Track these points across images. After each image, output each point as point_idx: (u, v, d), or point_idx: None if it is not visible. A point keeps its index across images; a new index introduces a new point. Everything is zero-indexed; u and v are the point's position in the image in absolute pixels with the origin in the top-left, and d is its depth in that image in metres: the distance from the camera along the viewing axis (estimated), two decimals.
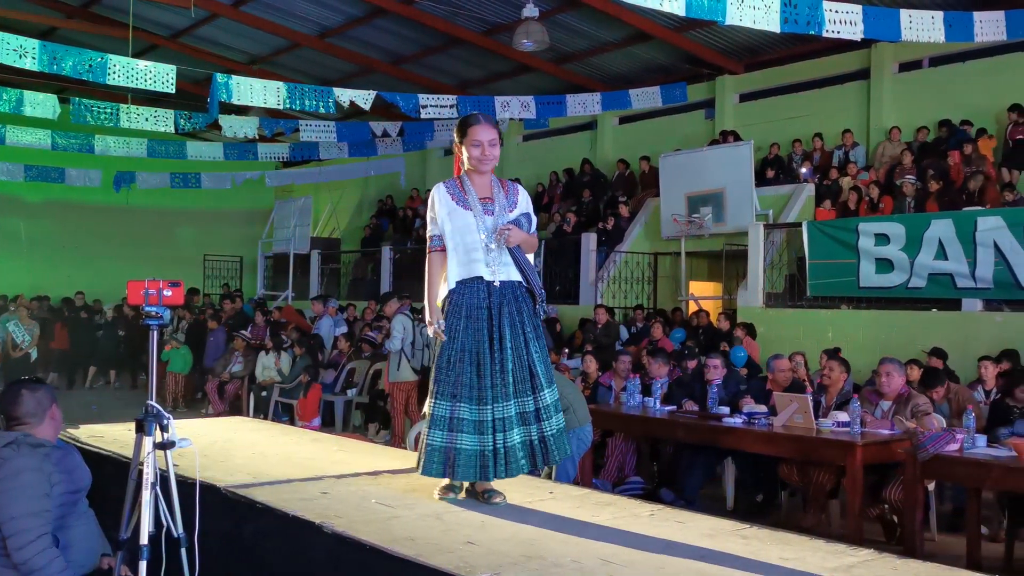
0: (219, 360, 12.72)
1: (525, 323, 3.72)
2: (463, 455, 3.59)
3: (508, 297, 3.72)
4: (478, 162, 3.77)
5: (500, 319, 3.68)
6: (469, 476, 3.63)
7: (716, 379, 7.31)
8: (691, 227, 13.07)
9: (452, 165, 17.37)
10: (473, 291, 3.70)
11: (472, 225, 3.73)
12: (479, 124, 3.77)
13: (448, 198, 3.79)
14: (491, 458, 3.60)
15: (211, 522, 3.54)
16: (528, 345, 3.70)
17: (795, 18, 7.82)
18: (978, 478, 5.21)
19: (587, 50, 15.37)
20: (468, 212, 3.74)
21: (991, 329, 9.27)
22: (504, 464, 3.61)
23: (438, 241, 3.80)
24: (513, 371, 3.64)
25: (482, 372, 3.63)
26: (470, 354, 3.65)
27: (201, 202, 21.15)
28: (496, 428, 3.61)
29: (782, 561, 2.85)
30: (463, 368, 3.63)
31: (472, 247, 3.72)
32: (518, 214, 3.80)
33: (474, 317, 3.68)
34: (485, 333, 3.67)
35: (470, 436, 3.61)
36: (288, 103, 11.58)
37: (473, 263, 3.71)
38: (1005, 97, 12.00)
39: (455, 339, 3.67)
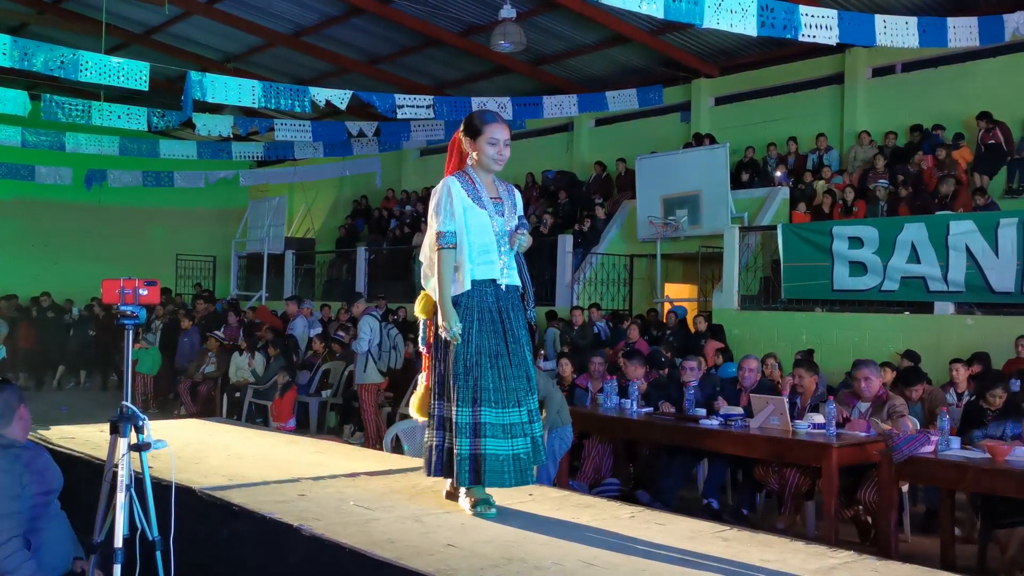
0: (192, 361, 12.59)
1: (523, 328, 3.70)
2: (491, 460, 3.45)
3: (512, 302, 3.69)
4: (492, 161, 3.67)
5: (510, 321, 3.63)
6: (502, 482, 3.47)
7: (692, 381, 7.33)
8: (667, 229, 13.13)
9: (428, 166, 17.39)
10: (483, 293, 3.62)
11: (488, 225, 3.64)
12: (497, 122, 3.68)
13: (464, 194, 3.64)
14: (526, 461, 3.53)
15: (187, 525, 3.49)
16: (526, 349, 3.68)
17: (772, 22, 7.87)
18: (952, 480, 5.25)
19: (564, 52, 15.39)
20: (483, 211, 3.64)
21: (962, 332, 9.37)
22: (523, 470, 3.53)
23: (452, 238, 3.61)
24: (518, 377, 3.59)
25: (504, 374, 3.55)
26: (489, 357, 3.55)
27: (174, 201, 20.95)
28: (525, 431, 3.56)
29: (763, 563, 2.86)
30: (482, 371, 3.52)
31: (487, 248, 3.63)
32: (518, 216, 3.78)
33: (487, 320, 3.60)
34: (500, 336, 3.60)
35: (499, 441, 3.49)
36: (263, 102, 11.50)
37: (488, 264, 3.63)
38: (976, 103, 12.15)
39: (470, 342, 3.55)
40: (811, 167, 13.39)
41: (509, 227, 3.69)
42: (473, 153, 3.69)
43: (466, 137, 3.71)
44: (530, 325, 3.76)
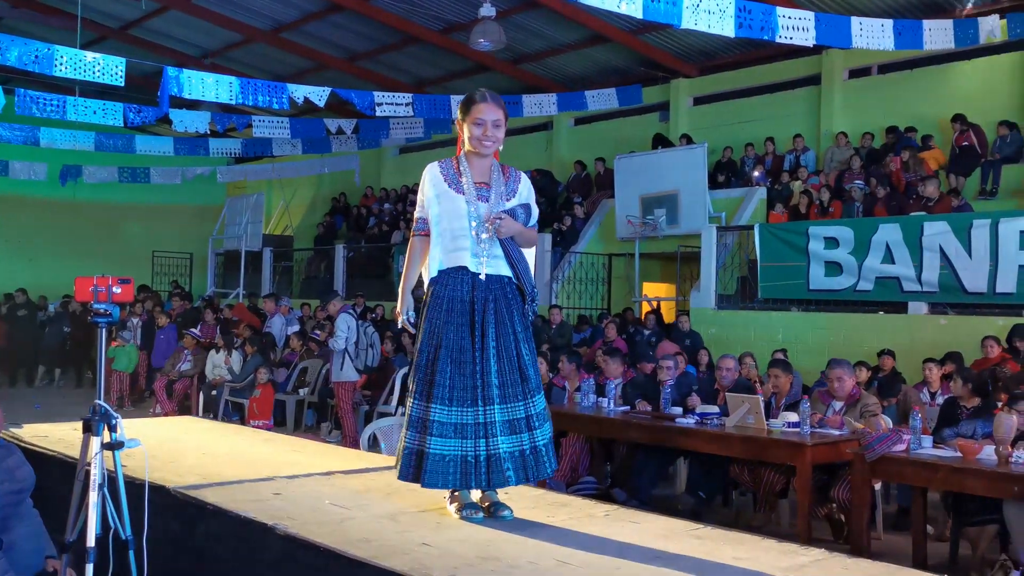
0: (168, 359, 12.51)
1: (515, 322, 3.44)
2: (433, 460, 3.30)
3: (496, 293, 3.43)
4: (478, 143, 3.46)
5: (484, 315, 3.38)
6: (444, 483, 3.33)
7: (669, 380, 7.36)
8: (645, 229, 13.18)
9: (407, 163, 17.44)
10: (456, 282, 3.41)
11: (461, 210, 3.43)
12: (484, 102, 3.45)
13: (440, 179, 3.48)
14: (473, 465, 3.31)
15: (160, 524, 3.47)
16: (519, 346, 3.42)
17: (749, 23, 7.92)
18: (924, 478, 5.31)
19: (544, 51, 15.41)
20: (459, 196, 3.44)
21: (936, 332, 9.48)
22: (487, 473, 3.32)
23: (423, 225, 3.50)
24: (500, 373, 3.36)
25: (463, 371, 3.34)
26: (450, 351, 3.36)
27: (150, 197, 20.77)
28: (479, 433, 3.32)
29: (736, 561, 2.88)
30: (441, 367, 3.34)
31: (459, 234, 3.43)
32: (516, 204, 3.51)
33: (456, 311, 3.39)
34: (467, 329, 3.38)
35: (445, 440, 3.31)
36: (241, 98, 11.42)
37: (458, 251, 3.42)
38: (951, 105, 12.28)
39: (434, 334, 3.38)
40: (788, 167, 13.49)
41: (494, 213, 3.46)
42: (464, 135, 3.51)
43: (459, 118, 3.55)
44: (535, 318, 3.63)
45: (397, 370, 10.03)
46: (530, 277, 3.52)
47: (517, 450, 3.36)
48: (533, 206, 3.59)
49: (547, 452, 3.43)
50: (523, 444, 3.38)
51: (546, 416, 3.47)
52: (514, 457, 3.35)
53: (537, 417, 3.41)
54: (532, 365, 3.45)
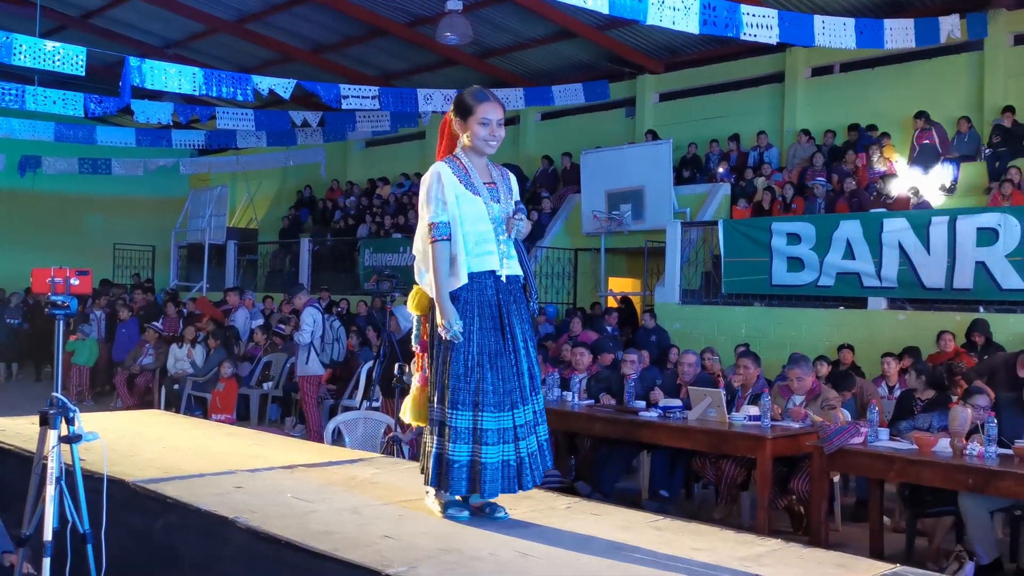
0: (129, 352, 12.37)
1: (525, 322, 3.42)
2: (490, 469, 3.22)
3: (515, 294, 3.42)
4: (484, 143, 3.39)
5: (509, 316, 3.35)
6: (497, 491, 3.25)
7: (633, 374, 7.42)
8: (611, 224, 13.24)
9: (374, 157, 17.31)
10: (482, 286, 3.34)
11: (483, 212, 3.36)
12: (489, 101, 3.40)
13: (455, 180, 3.36)
14: (516, 468, 3.27)
15: (120, 518, 3.45)
16: (528, 346, 3.40)
17: (714, 20, 8.00)
18: (880, 470, 5.40)
19: (511, 46, 15.41)
20: (477, 198, 3.36)
21: (894, 327, 9.63)
22: (530, 472, 3.30)
23: (445, 228, 3.32)
24: (524, 373, 3.34)
25: (502, 375, 3.29)
26: (488, 357, 3.29)
27: (111, 189, 20.50)
28: (519, 435, 3.29)
29: (694, 552, 2.92)
30: (483, 373, 3.26)
31: (484, 237, 3.35)
32: (515, 201, 3.50)
33: (486, 316, 3.33)
34: (499, 333, 3.33)
35: (494, 447, 3.24)
36: (204, 89, 11.31)
37: (485, 255, 3.35)
38: (911, 103, 12.47)
39: (471, 340, 3.29)
40: (752, 164, 13.62)
41: (506, 213, 3.41)
42: (464, 135, 3.43)
43: (456, 118, 3.45)
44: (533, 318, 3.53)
45: (362, 364, 10.00)
46: (532, 275, 3.55)
47: (535, 447, 3.36)
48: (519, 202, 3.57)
49: (548, 447, 3.43)
50: (540, 438, 3.39)
51: (543, 411, 3.46)
52: (533, 456, 3.34)
53: (541, 413, 3.41)
54: (536, 363, 3.45)
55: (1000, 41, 12.21)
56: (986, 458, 4.87)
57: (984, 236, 9.11)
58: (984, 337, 8.66)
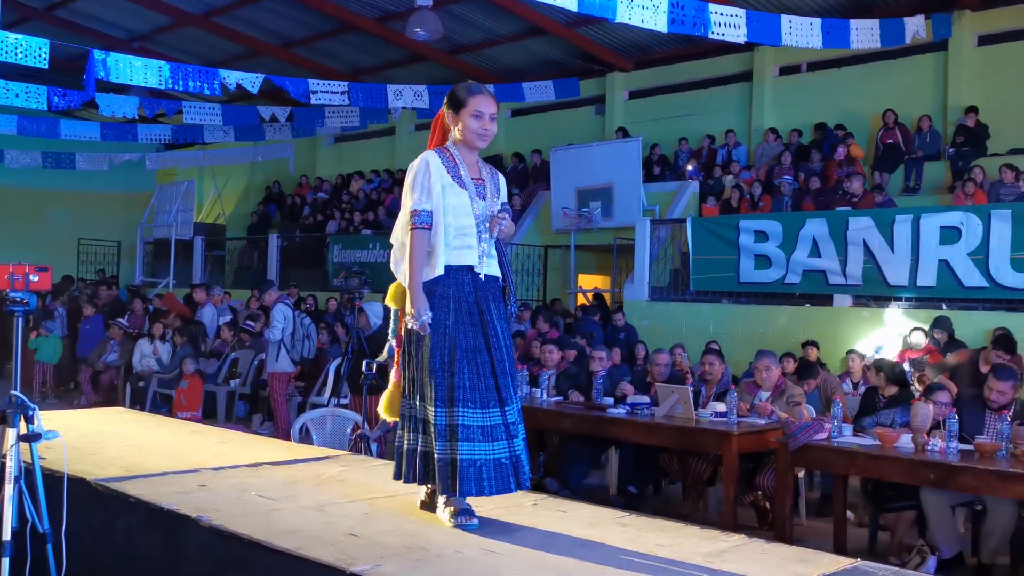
0: (93, 349, 12.21)
1: (502, 322, 3.34)
2: (466, 466, 3.14)
3: (492, 293, 3.34)
4: (476, 136, 3.33)
5: (489, 314, 3.28)
6: (480, 490, 3.15)
7: (601, 371, 7.45)
8: (581, 221, 13.28)
9: (343, 152, 17.19)
10: (459, 281, 3.27)
11: (467, 206, 3.30)
12: (482, 94, 3.35)
13: (443, 171, 3.31)
14: (511, 466, 3.21)
15: (81, 517, 3.41)
16: (508, 348, 3.32)
17: (682, 19, 8.04)
18: (844, 466, 5.46)
19: (481, 42, 15.39)
20: (463, 191, 3.30)
21: (859, 323, 9.74)
22: (520, 473, 3.24)
23: (427, 217, 3.26)
24: (505, 374, 3.26)
25: (482, 372, 3.21)
26: (465, 352, 3.21)
27: (76, 184, 20.17)
28: (507, 434, 3.23)
29: (658, 547, 2.94)
30: (459, 368, 3.19)
31: (465, 232, 3.29)
32: (501, 202, 3.42)
33: (463, 311, 3.26)
34: (479, 329, 3.25)
35: (475, 444, 3.17)
36: (171, 83, 11.18)
37: (464, 250, 3.29)
38: (877, 103, 12.63)
39: (446, 335, 3.22)
40: (720, 162, 13.71)
41: (491, 212, 3.34)
42: (456, 128, 3.37)
43: (449, 111, 3.39)
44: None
45: (330, 361, 9.95)
46: (511, 277, 3.48)
47: (522, 448, 3.30)
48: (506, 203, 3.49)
49: (526, 455, 3.34)
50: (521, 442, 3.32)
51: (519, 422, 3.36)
52: (521, 457, 3.28)
53: (519, 413, 3.34)
54: (513, 368, 3.36)
55: (964, 42, 12.40)
56: (947, 454, 4.94)
57: (947, 235, 9.24)
58: (947, 334, 8.79)
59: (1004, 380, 5.40)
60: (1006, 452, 4.87)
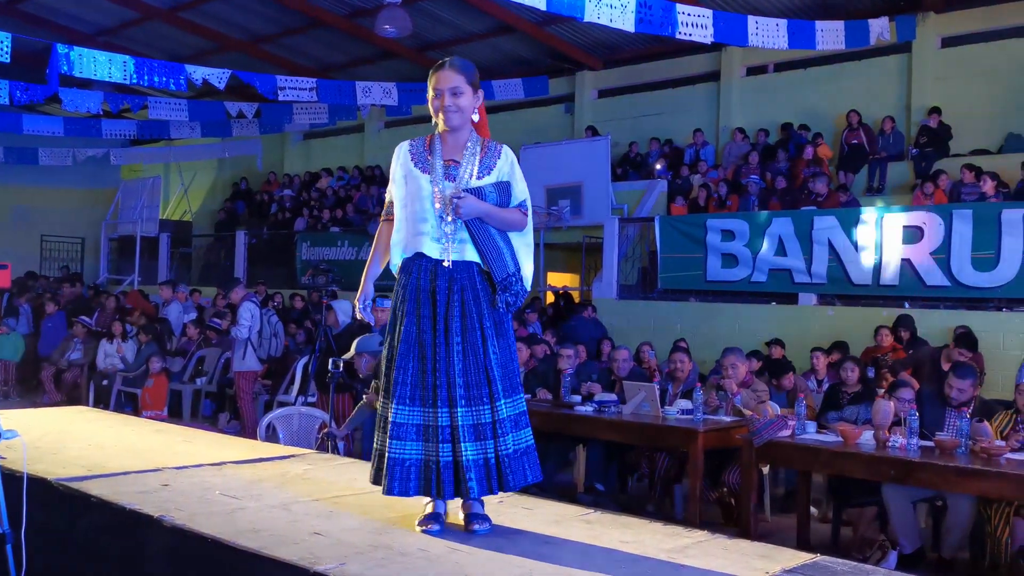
0: (56, 347, 12.05)
1: (484, 315, 3.08)
2: (391, 464, 3.03)
3: (463, 282, 3.09)
4: (436, 114, 3.16)
5: (449, 307, 3.05)
6: (404, 490, 3.04)
7: (569, 369, 7.47)
8: (549, 219, 13.30)
9: (311, 149, 17.05)
10: (419, 271, 3.11)
11: (424, 191, 3.11)
12: (440, 70, 3.18)
13: (408, 158, 3.18)
14: (434, 471, 3.02)
15: (41, 518, 3.37)
16: (486, 343, 3.06)
17: (649, 19, 8.09)
18: (807, 462, 5.53)
19: (451, 39, 15.36)
20: (424, 175, 3.12)
21: (824, 322, 9.86)
22: (452, 482, 3.02)
23: (390, 208, 3.23)
24: (465, 372, 3.03)
25: (426, 368, 3.05)
26: (410, 346, 3.06)
27: (38, 179, 19.85)
28: (444, 437, 3.02)
29: (621, 544, 2.96)
30: (401, 363, 3.06)
31: (420, 218, 3.11)
32: (491, 182, 3.14)
33: (420, 302, 3.08)
34: (429, 322, 3.07)
35: (404, 443, 3.04)
36: (135, 78, 11.05)
37: (419, 236, 3.11)
38: (842, 104, 12.77)
39: (395, 329, 3.10)
40: (688, 161, 13.80)
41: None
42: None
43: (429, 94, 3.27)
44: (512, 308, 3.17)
45: (298, 359, 9.90)
46: (503, 262, 3.12)
47: (482, 458, 3.03)
48: (516, 184, 3.20)
49: (514, 463, 3.06)
50: (488, 452, 3.04)
51: (517, 423, 3.10)
52: (479, 466, 3.02)
53: (501, 424, 3.04)
54: (499, 365, 3.07)
55: (928, 44, 12.58)
56: (908, 450, 5.01)
57: (910, 234, 9.39)
58: (909, 332, 8.92)
59: (964, 378, 5.49)
60: (965, 449, 4.95)
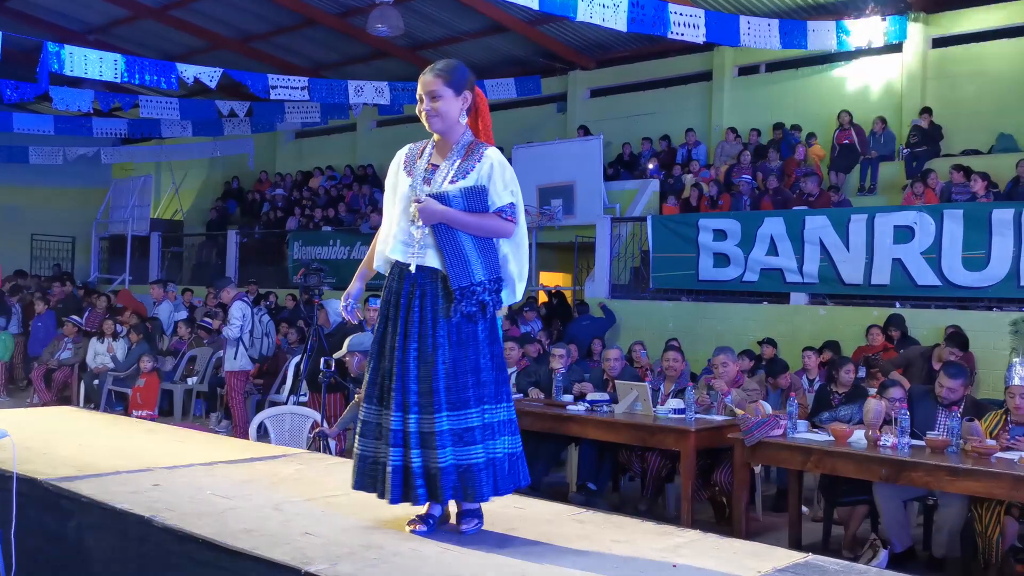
0: (46, 347, 12.00)
1: (439, 323, 3.00)
2: (357, 459, 3.08)
3: (425, 287, 3.03)
4: (421, 119, 3.15)
5: (410, 312, 3.01)
6: (377, 489, 3.03)
7: (561, 368, 7.47)
8: (542, 219, 13.31)
9: (303, 148, 17.04)
10: (393, 275, 3.11)
11: (403, 194, 3.10)
12: (423, 75, 3.14)
13: (401, 161, 3.19)
14: (381, 471, 3.00)
15: (31, 518, 3.35)
16: (436, 352, 2.98)
17: (642, 19, 8.10)
18: (798, 461, 5.54)
19: (443, 39, 15.35)
20: (407, 179, 3.12)
21: (815, 321, 9.89)
22: (401, 486, 2.96)
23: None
24: (420, 379, 2.97)
25: (383, 370, 3.04)
26: (380, 348, 3.08)
27: (29, 178, 19.76)
28: (396, 441, 2.97)
29: (614, 544, 2.95)
30: (373, 364, 3.09)
31: (396, 220, 3.11)
32: (463, 186, 3.05)
33: (390, 304, 3.07)
34: (394, 325, 3.04)
35: (367, 440, 3.06)
36: (126, 77, 11.01)
37: (393, 240, 3.10)
38: (833, 104, 12.81)
39: (376, 329, 3.12)
40: (680, 161, 13.82)
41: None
42: None
43: None
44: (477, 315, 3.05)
45: (289, 359, 9.88)
46: (466, 271, 3.01)
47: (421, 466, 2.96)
48: (495, 188, 3.09)
49: (445, 478, 2.94)
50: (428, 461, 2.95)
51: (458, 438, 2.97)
52: (420, 474, 2.94)
53: (443, 436, 2.95)
54: (450, 376, 2.97)
55: (919, 44, 12.62)
56: (899, 449, 5.03)
57: (901, 234, 9.42)
58: (900, 331, 8.95)
59: (955, 377, 5.51)
60: (956, 448, 4.97)
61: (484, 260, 3.06)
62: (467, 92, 3.21)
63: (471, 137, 3.22)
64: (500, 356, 3.14)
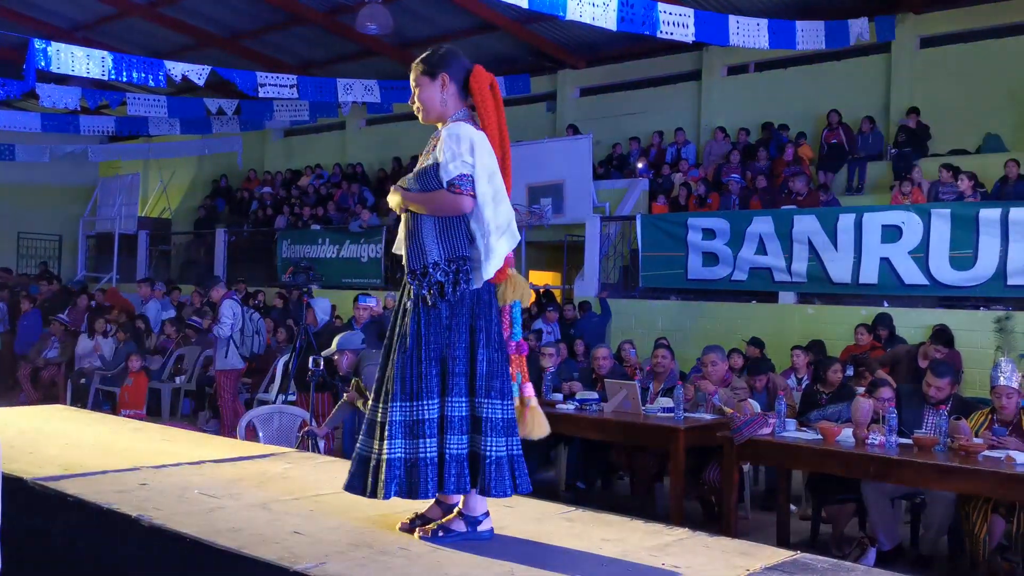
0: (33, 345, 11.93)
1: (408, 311, 2.93)
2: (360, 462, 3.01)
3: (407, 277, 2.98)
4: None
5: (399, 303, 3.00)
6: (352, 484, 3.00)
7: (551, 367, 7.47)
8: (531, 217, 13.30)
9: (292, 146, 16.99)
10: None
11: None
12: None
13: None
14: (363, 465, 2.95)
15: (16, 518, 3.32)
16: (400, 340, 2.93)
17: (631, 17, 8.10)
18: (787, 460, 5.56)
19: (432, 37, 15.27)
20: None
21: (804, 320, 9.92)
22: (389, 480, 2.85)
23: None
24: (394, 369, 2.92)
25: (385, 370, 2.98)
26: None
27: (15, 176, 19.61)
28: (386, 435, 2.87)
29: (603, 542, 2.96)
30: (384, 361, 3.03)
31: None
32: (421, 167, 3.00)
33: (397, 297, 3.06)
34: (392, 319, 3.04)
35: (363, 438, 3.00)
36: (114, 74, 10.94)
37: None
38: (822, 104, 12.84)
39: None
40: (669, 160, 13.83)
41: None
42: None
43: None
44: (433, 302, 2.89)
45: (278, 358, 9.85)
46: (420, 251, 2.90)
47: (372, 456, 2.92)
48: (445, 159, 2.92)
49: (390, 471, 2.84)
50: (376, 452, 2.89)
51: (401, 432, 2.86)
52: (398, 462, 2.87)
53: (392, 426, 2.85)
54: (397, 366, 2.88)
55: (907, 44, 12.67)
56: (886, 447, 5.05)
57: (888, 233, 9.45)
58: (888, 330, 8.98)
59: (942, 376, 5.53)
60: (943, 446, 4.99)
61: (443, 241, 2.92)
62: (443, 72, 3.12)
63: (458, 118, 3.08)
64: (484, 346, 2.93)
